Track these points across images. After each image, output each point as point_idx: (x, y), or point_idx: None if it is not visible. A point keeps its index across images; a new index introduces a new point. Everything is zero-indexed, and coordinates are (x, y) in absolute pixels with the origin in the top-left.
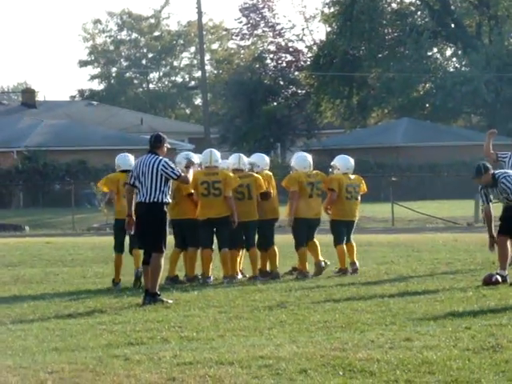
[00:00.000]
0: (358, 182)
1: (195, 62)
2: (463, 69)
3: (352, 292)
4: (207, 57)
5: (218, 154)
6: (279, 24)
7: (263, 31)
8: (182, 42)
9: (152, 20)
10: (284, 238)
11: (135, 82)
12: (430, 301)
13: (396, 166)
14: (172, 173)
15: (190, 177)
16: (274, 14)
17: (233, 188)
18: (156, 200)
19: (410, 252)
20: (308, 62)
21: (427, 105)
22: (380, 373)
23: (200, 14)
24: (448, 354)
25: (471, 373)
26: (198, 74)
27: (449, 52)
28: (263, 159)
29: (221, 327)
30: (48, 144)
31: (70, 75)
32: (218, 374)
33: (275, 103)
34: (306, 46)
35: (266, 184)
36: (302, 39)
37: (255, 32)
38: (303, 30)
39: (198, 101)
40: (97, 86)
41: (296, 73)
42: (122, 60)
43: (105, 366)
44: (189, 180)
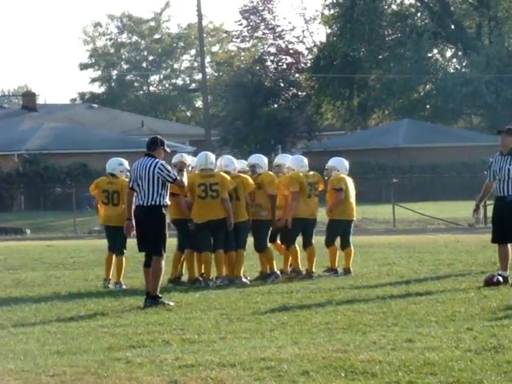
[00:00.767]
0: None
1: (196, 64)
2: (463, 70)
3: (353, 293)
4: (208, 59)
5: (213, 157)
6: (279, 26)
7: (263, 33)
8: (182, 44)
9: (152, 23)
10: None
11: (136, 84)
12: (432, 302)
13: (397, 167)
14: (168, 176)
15: (185, 180)
16: (274, 16)
17: (229, 190)
18: (154, 203)
19: (412, 253)
20: (308, 64)
21: (428, 106)
22: (382, 374)
23: (200, 16)
24: (450, 355)
25: (473, 374)
26: (199, 76)
27: (449, 53)
28: (264, 160)
29: (222, 329)
30: (49, 147)
31: (71, 78)
32: (220, 377)
33: (276, 105)
34: (307, 48)
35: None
36: (302, 41)
37: (255, 34)
38: (303, 31)
39: (198, 103)
40: (97, 88)
41: (296, 75)
42: (122, 63)
43: (106, 369)
44: (184, 184)
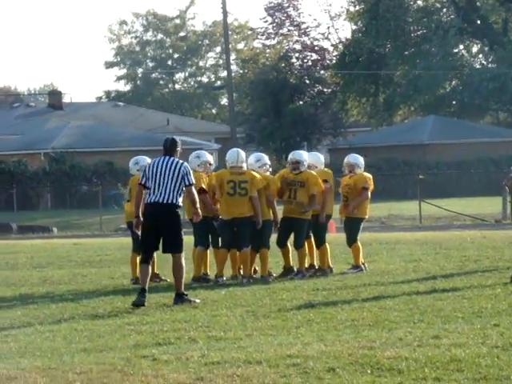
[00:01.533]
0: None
1: (221, 61)
2: (490, 65)
3: (379, 290)
4: (233, 56)
5: (244, 154)
6: (304, 23)
7: (288, 30)
8: (207, 42)
9: (177, 20)
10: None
11: (161, 82)
12: (458, 298)
13: (423, 164)
14: (189, 179)
15: (195, 197)
16: (299, 12)
17: (258, 188)
18: (176, 201)
19: (438, 249)
20: (334, 61)
21: (454, 102)
22: (408, 371)
23: (225, 13)
24: (477, 351)
25: (500, 370)
26: (224, 73)
27: (475, 49)
28: (306, 158)
29: (248, 326)
30: (75, 145)
31: (97, 76)
32: (246, 374)
33: (301, 102)
34: (332, 45)
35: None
36: (327, 38)
37: (280, 31)
38: (328, 28)
39: (223, 101)
40: (123, 87)
41: (322, 71)
42: (147, 61)
43: (133, 367)
44: (194, 194)
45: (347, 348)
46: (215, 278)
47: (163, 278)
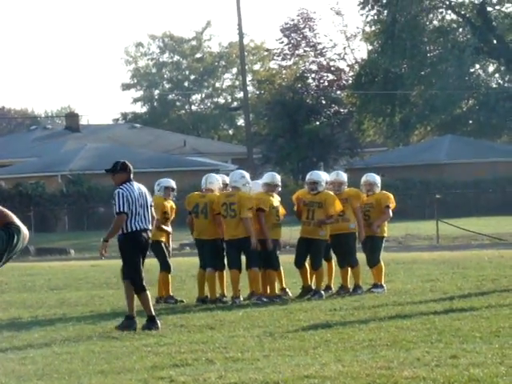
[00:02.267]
0: None
1: (237, 82)
2: (506, 85)
3: (397, 310)
4: (249, 77)
5: (244, 175)
6: (320, 43)
7: (304, 51)
8: (223, 63)
9: (193, 42)
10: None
11: (178, 103)
12: (476, 318)
13: (440, 183)
14: (151, 201)
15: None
16: (315, 33)
17: (248, 208)
18: (151, 227)
19: (455, 269)
20: (350, 81)
21: (470, 121)
22: None
23: (241, 35)
24: (495, 370)
25: None
26: (240, 94)
27: (491, 68)
28: (324, 178)
29: (266, 347)
30: (92, 167)
31: (113, 98)
32: None
33: (317, 122)
34: (348, 65)
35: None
36: (343, 58)
37: (296, 52)
38: (344, 48)
39: (240, 121)
40: (140, 108)
41: (338, 92)
42: (164, 82)
43: None
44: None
45: (365, 368)
46: (232, 299)
47: (179, 300)
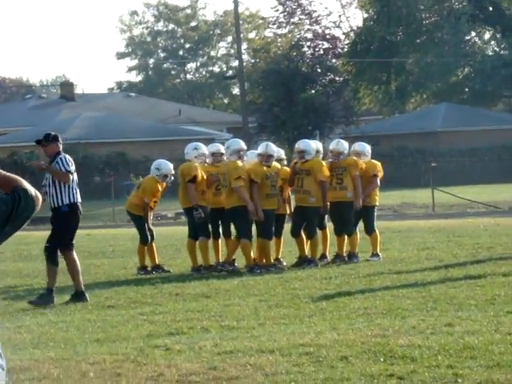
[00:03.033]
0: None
1: (232, 51)
2: (502, 52)
3: (392, 278)
4: (244, 46)
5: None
6: (316, 11)
7: (300, 19)
8: (218, 31)
9: (188, 10)
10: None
11: (173, 72)
12: (471, 286)
13: (436, 151)
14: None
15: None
16: (310, 1)
17: (235, 178)
18: None
19: (451, 237)
20: (345, 49)
21: (466, 89)
22: (421, 358)
23: (236, 3)
24: (490, 338)
25: None
26: (235, 63)
27: (487, 35)
28: (312, 146)
29: (261, 316)
30: (87, 136)
31: (108, 67)
32: (259, 363)
33: (313, 91)
34: (343, 33)
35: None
36: (338, 26)
37: (292, 20)
38: (340, 16)
39: (235, 90)
40: (134, 77)
41: (333, 60)
42: (159, 51)
43: (146, 357)
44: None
45: (360, 336)
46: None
47: (166, 269)
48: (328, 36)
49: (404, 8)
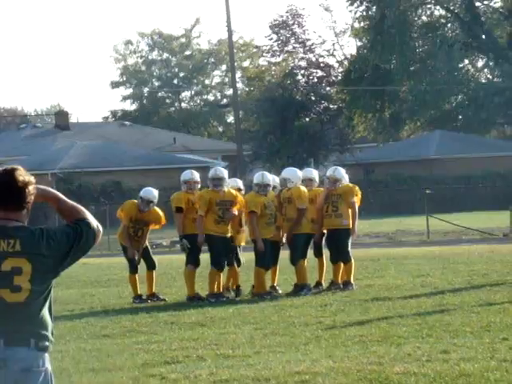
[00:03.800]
0: None
1: (226, 79)
2: (495, 80)
3: (388, 305)
4: (238, 74)
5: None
6: (309, 40)
7: (294, 47)
8: (212, 60)
9: (183, 39)
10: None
11: (167, 101)
12: (467, 313)
13: (430, 179)
14: None
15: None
16: (304, 29)
17: (200, 206)
18: None
19: (446, 264)
20: (339, 77)
21: (460, 117)
22: None
23: (230, 32)
24: (485, 365)
25: None
26: (230, 91)
27: (480, 63)
28: (297, 174)
29: (257, 344)
30: (82, 165)
31: (103, 96)
32: None
33: (307, 119)
34: (337, 61)
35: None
36: (332, 54)
37: (286, 48)
38: (334, 45)
39: (230, 118)
40: (129, 106)
41: (327, 88)
42: (153, 80)
43: None
44: None
45: (356, 364)
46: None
47: (161, 298)
48: (322, 64)
49: (397, 36)
